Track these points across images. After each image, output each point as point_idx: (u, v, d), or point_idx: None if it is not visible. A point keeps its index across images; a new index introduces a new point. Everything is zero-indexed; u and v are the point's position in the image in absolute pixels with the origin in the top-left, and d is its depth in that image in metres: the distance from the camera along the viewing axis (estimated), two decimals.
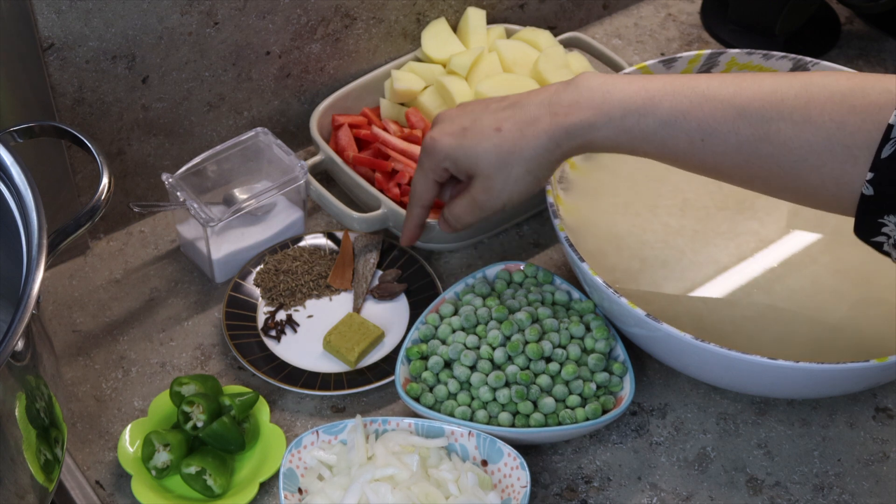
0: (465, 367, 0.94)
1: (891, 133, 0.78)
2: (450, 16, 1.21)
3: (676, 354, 0.93)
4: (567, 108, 0.89)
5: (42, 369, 0.80)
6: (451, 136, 0.92)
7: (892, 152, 0.78)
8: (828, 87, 0.82)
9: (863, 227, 0.82)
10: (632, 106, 0.87)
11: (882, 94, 0.80)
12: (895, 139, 0.78)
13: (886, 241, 0.82)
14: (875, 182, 0.79)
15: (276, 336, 1.02)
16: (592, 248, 1.03)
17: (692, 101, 0.86)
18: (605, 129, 0.88)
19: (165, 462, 0.91)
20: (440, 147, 0.92)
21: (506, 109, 0.92)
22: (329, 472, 0.90)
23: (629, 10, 1.36)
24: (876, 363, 0.88)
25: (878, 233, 0.82)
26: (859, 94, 0.81)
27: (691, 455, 0.96)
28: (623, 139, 0.88)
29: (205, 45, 1.05)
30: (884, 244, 0.82)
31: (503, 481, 0.90)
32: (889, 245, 0.82)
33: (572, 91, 0.89)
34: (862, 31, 1.35)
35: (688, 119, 0.86)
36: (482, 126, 0.91)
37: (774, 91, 0.83)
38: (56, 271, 1.07)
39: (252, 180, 1.08)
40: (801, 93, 0.83)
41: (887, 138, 0.78)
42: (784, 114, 0.83)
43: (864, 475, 0.95)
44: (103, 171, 0.87)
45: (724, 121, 0.84)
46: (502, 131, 0.90)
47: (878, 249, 0.83)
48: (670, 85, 0.87)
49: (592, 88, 0.89)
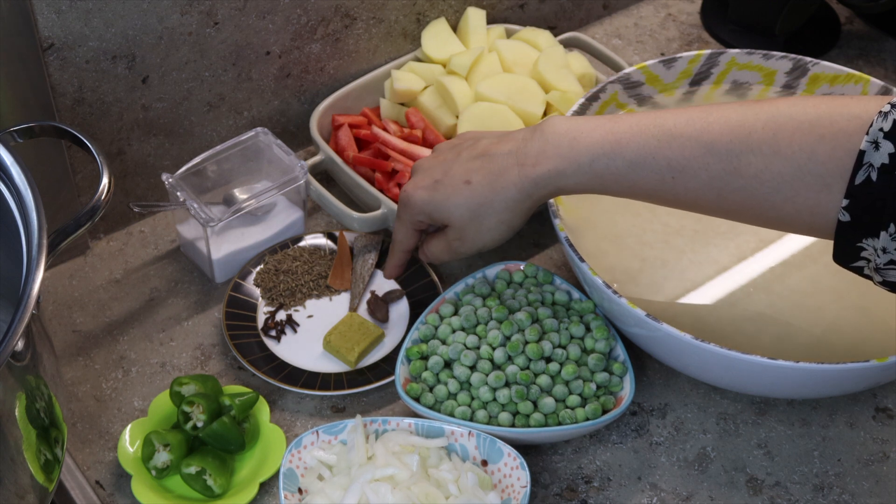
0: (465, 367, 0.94)
1: (863, 159, 0.78)
2: (450, 16, 1.21)
3: (676, 354, 0.93)
4: (535, 159, 0.89)
5: (42, 369, 0.80)
6: (424, 190, 0.93)
7: (866, 177, 0.77)
8: (795, 116, 0.81)
9: (842, 253, 0.82)
10: (599, 151, 0.87)
11: (850, 121, 0.79)
12: (868, 164, 0.77)
13: (867, 265, 0.81)
14: (851, 208, 0.79)
15: (276, 336, 1.02)
16: (592, 248, 1.03)
17: (660, 140, 0.86)
18: (574, 176, 0.89)
19: (165, 462, 0.91)
20: (414, 201, 0.94)
21: (476, 160, 0.92)
22: (329, 472, 0.90)
23: (629, 10, 1.36)
24: (876, 363, 0.88)
25: (857, 258, 0.81)
26: (827, 123, 0.80)
27: (691, 455, 0.96)
28: (594, 183, 0.89)
29: (205, 45, 1.05)
30: (864, 268, 0.82)
31: (503, 481, 0.90)
32: (870, 269, 0.81)
33: (539, 140, 0.90)
34: (862, 31, 1.35)
35: (656, 159, 0.86)
36: (452, 179, 0.92)
37: (742, 124, 0.83)
38: (56, 271, 1.07)
39: (252, 180, 1.08)
40: (768, 124, 0.82)
41: (860, 164, 0.78)
42: (752, 147, 0.82)
43: (864, 475, 0.95)
44: (103, 171, 0.87)
45: (692, 158, 0.84)
46: (472, 184, 0.91)
47: (860, 274, 0.83)
48: (637, 125, 0.87)
49: (559, 135, 0.89)
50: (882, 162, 0.77)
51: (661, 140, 0.85)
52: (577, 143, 0.88)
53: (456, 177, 0.92)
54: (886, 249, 0.78)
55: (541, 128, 0.90)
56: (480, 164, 0.92)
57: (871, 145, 0.77)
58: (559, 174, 0.89)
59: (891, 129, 0.77)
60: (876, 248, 0.79)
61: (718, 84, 1.13)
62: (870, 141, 0.77)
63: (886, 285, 0.81)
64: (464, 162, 0.92)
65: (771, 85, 1.13)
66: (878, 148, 0.77)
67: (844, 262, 0.82)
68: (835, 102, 0.81)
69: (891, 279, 0.80)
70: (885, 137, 0.77)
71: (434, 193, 0.93)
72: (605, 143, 0.87)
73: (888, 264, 0.79)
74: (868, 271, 0.81)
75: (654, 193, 0.88)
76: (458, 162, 0.93)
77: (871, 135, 0.77)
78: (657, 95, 1.13)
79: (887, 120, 0.77)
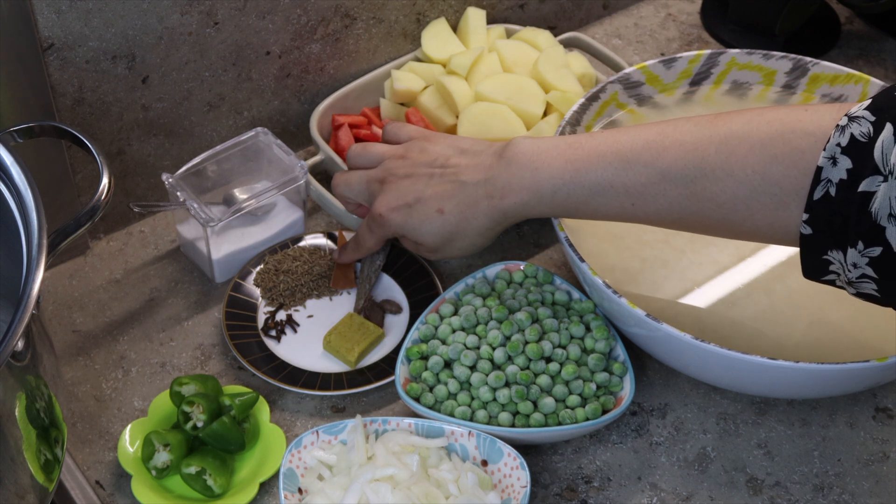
0: (465, 367, 0.94)
1: (821, 175, 0.77)
2: (450, 16, 1.21)
3: (676, 354, 0.93)
4: (501, 191, 0.92)
5: (42, 369, 0.80)
6: (398, 214, 0.96)
7: (825, 193, 0.77)
8: (747, 138, 0.82)
9: (810, 267, 0.82)
10: (559, 182, 0.90)
11: (804, 139, 0.79)
12: (826, 180, 0.77)
13: (837, 278, 0.81)
14: (811, 221, 0.79)
15: (276, 336, 1.02)
16: (592, 248, 1.03)
17: (616, 168, 0.88)
18: (539, 207, 0.92)
19: (165, 462, 0.91)
20: (389, 223, 0.97)
21: (446, 185, 0.95)
22: (329, 472, 0.90)
23: (629, 10, 1.36)
24: (876, 363, 0.88)
25: (826, 271, 0.81)
26: (780, 142, 0.80)
27: (691, 455, 0.96)
28: (558, 211, 0.92)
29: (205, 45, 1.05)
30: (835, 281, 0.81)
31: (503, 481, 0.90)
32: (841, 281, 0.81)
33: (504, 170, 0.92)
34: (862, 31, 1.35)
35: (614, 186, 0.88)
36: (426, 206, 0.95)
37: (696, 148, 0.84)
38: (56, 271, 1.07)
39: (252, 180, 1.08)
40: (721, 148, 0.83)
41: (818, 180, 0.77)
42: (706, 171, 0.83)
43: (864, 475, 0.95)
44: (103, 171, 0.87)
45: (649, 185, 0.86)
46: (445, 214, 0.95)
47: (833, 286, 0.82)
48: (595, 152, 0.89)
49: (521, 166, 0.91)
50: (840, 177, 0.76)
51: (618, 168, 0.87)
52: (538, 174, 0.91)
53: (428, 203, 0.95)
54: (857, 265, 0.77)
55: (505, 155, 0.93)
56: (451, 192, 0.94)
57: (828, 161, 0.77)
58: (524, 205, 0.92)
59: (848, 143, 0.76)
60: (842, 261, 0.78)
61: (718, 84, 1.13)
62: (827, 157, 0.77)
63: (861, 296, 0.81)
64: (435, 187, 0.95)
65: (771, 85, 1.13)
66: (836, 164, 0.76)
67: (814, 276, 0.82)
68: (789, 118, 0.81)
69: (865, 291, 0.79)
70: (842, 153, 0.76)
71: (408, 218, 0.96)
72: (564, 172, 0.89)
73: (861, 278, 0.78)
74: (840, 283, 0.81)
75: (618, 217, 0.90)
76: (430, 186, 0.95)
77: (829, 150, 0.77)
78: (657, 95, 1.13)
79: (844, 134, 0.76)
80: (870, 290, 0.79)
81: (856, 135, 0.76)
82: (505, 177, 0.92)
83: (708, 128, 0.85)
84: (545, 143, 0.92)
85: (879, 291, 0.79)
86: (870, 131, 0.75)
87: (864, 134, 0.76)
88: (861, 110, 0.77)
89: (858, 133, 0.76)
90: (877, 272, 0.77)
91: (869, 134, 0.75)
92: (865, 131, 0.76)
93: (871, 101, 0.77)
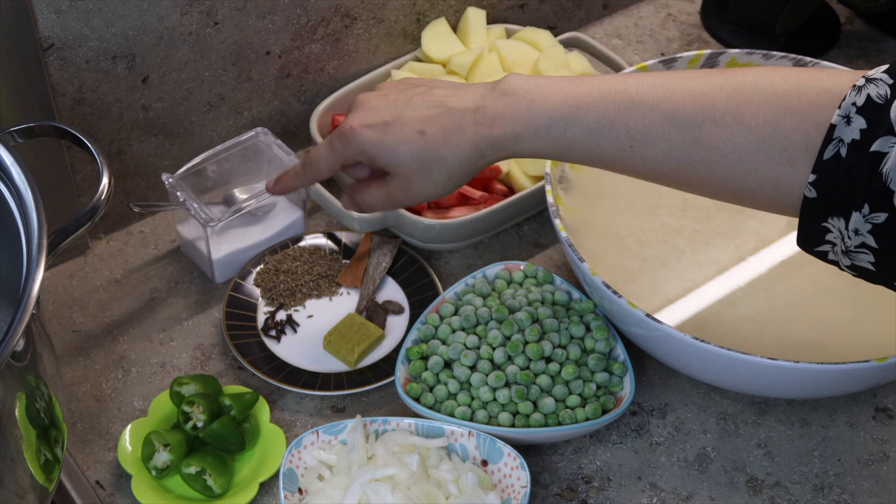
0: (465, 367, 0.94)
1: (833, 133, 0.75)
2: (450, 16, 1.21)
3: (676, 354, 0.93)
4: (492, 119, 0.85)
5: (42, 369, 0.80)
6: (372, 131, 0.87)
7: (835, 153, 0.75)
8: (761, 88, 0.79)
9: (806, 234, 0.79)
10: (557, 115, 0.83)
11: (819, 94, 0.77)
12: (838, 139, 0.75)
13: (831, 249, 0.78)
14: (818, 184, 0.76)
15: (276, 336, 1.02)
16: (592, 248, 1.03)
17: (619, 108, 0.82)
18: (530, 140, 0.85)
19: (165, 462, 0.92)
20: (359, 139, 0.88)
21: (431, 109, 0.87)
22: (329, 472, 0.90)
23: (629, 10, 1.36)
24: (876, 363, 0.88)
25: (822, 241, 0.78)
26: (795, 95, 0.77)
27: (691, 455, 0.96)
28: (550, 148, 0.85)
29: (205, 45, 1.05)
30: (828, 253, 0.79)
31: (503, 481, 0.90)
32: (835, 253, 0.78)
33: (497, 98, 0.86)
34: (862, 31, 1.35)
35: (615, 126, 0.82)
36: (405, 126, 0.87)
37: (706, 94, 0.80)
38: (56, 271, 1.07)
39: (252, 180, 1.08)
40: (733, 95, 0.79)
41: (829, 139, 0.75)
42: (715, 117, 0.79)
43: (864, 475, 0.95)
44: (103, 171, 0.87)
45: (652, 126, 0.81)
46: (426, 136, 0.86)
47: (824, 259, 0.80)
48: (597, 90, 0.84)
49: (517, 96, 0.85)
50: (853, 137, 0.74)
51: (621, 107, 0.82)
52: (534, 106, 0.84)
53: (408, 124, 0.86)
54: (859, 231, 0.75)
55: (500, 86, 0.86)
56: (436, 115, 0.86)
57: (842, 119, 0.75)
58: (515, 137, 0.85)
59: (864, 103, 0.74)
60: (842, 229, 0.76)
61: None
62: (841, 115, 0.75)
63: (854, 269, 0.78)
64: (417, 108, 0.87)
65: None
66: (850, 123, 0.74)
67: (808, 245, 0.80)
68: (804, 75, 0.79)
69: (859, 263, 0.77)
70: (857, 112, 0.74)
71: (383, 137, 0.87)
72: (563, 107, 0.83)
73: (859, 247, 0.76)
74: (833, 256, 0.78)
75: (612, 162, 0.84)
76: (411, 107, 0.87)
77: (843, 109, 0.75)
78: None
79: (861, 94, 0.75)
80: (865, 263, 0.76)
81: (872, 96, 0.74)
82: (498, 105, 0.85)
83: (719, 77, 0.81)
84: (543, 78, 0.86)
85: (875, 265, 0.76)
86: (887, 93, 0.74)
87: (882, 95, 0.74)
88: (880, 73, 0.76)
89: (875, 94, 0.74)
90: (877, 241, 0.74)
91: (886, 96, 0.74)
92: (883, 93, 0.74)
93: (890, 66, 0.76)
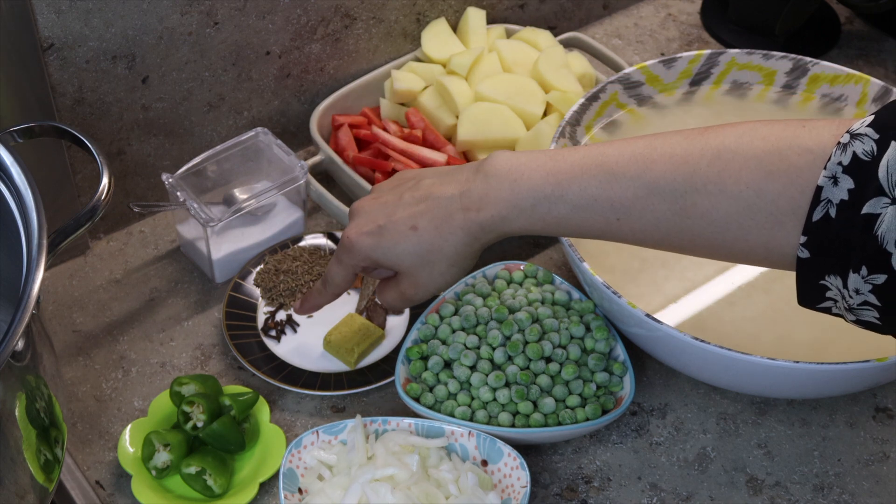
0: (465, 367, 0.94)
1: (821, 195, 0.73)
2: (450, 16, 1.21)
3: (676, 354, 0.93)
4: (478, 203, 0.85)
5: (42, 369, 0.80)
6: (369, 237, 0.89)
7: (825, 214, 0.73)
8: (741, 151, 0.77)
9: (806, 294, 0.78)
10: (540, 195, 0.83)
11: (801, 155, 0.75)
12: (826, 201, 0.73)
13: (833, 304, 0.77)
14: (809, 245, 0.75)
15: (276, 336, 1.02)
16: (592, 248, 1.03)
17: (601, 182, 0.81)
18: (518, 220, 0.85)
19: (165, 462, 0.91)
20: (359, 248, 0.90)
21: (419, 203, 0.88)
22: (329, 472, 0.90)
23: (629, 10, 1.36)
24: (876, 363, 0.88)
25: (822, 298, 0.77)
26: (776, 158, 0.76)
27: (691, 455, 0.96)
28: (538, 226, 0.85)
29: (205, 45, 1.05)
30: (832, 308, 0.77)
31: (503, 481, 0.90)
32: (839, 308, 0.77)
33: (481, 182, 0.86)
34: (862, 31, 1.35)
35: (599, 201, 0.82)
36: (397, 225, 0.88)
37: (686, 161, 0.79)
38: (56, 271, 1.07)
39: (252, 180, 1.08)
40: (713, 161, 0.78)
41: (817, 200, 0.73)
42: (697, 186, 0.78)
43: (864, 475, 0.95)
44: (103, 171, 0.87)
45: (636, 199, 0.80)
46: (419, 230, 0.87)
47: (829, 314, 0.79)
48: (578, 164, 0.83)
49: (500, 178, 0.85)
50: (841, 198, 0.72)
51: (603, 181, 0.81)
52: (517, 186, 0.84)
53: (400, 222, 0.88)
54: (860, 291, 0.74)
55: (484, 168, 0.87)
56: (425, 209, 0.88)
57: (829, 181, 0.73)
58: (502, 219, 0.85)
59: (850, 162, 0.72)
60: (841, 287, 0.75)
61: (718, 84, 1.13)
62: (828, 176, 0.73)
63: (860, 324, 0.77)
64: (407, 206, 0.89)
65: (771, 85, 1.13)
66: (837, 183, 0.72)
67: (810, 303, 0.78)
68: (785, 133, 0.77)
69: (865, 318, 0.76)
70: (843, 172, 0.72)
71: (380, 240, 0.89)
72: (545, 185, 0.83)
73: (862, 305, 0.75)
74: (837, 310, 0.77)
75: (602, 234, 0.84)
76: (401, 206, 0.89)
77: (829, 169, 0.73)
78: (657, 95, 1.13)
79: (846, 153, 0.73)
80: (871, 318, 0.75)
81: (858, 153, 0.72)
82: (482, 188, 0.86)
83: (699, 140, 0.80)
84: (525, 156, 0.86)
85: (881, 320, 0.75)
86: (873, 149, 0.72)
87: (867, 152, 0.72)
88: (864, 127, 0.73)
89: (861, 151, 0.72)
90: (880, 300, 0.73)
91: (872, 152, 0.72)
92: (868, 149, 0.72)
93: (874, 118, 0.73)
